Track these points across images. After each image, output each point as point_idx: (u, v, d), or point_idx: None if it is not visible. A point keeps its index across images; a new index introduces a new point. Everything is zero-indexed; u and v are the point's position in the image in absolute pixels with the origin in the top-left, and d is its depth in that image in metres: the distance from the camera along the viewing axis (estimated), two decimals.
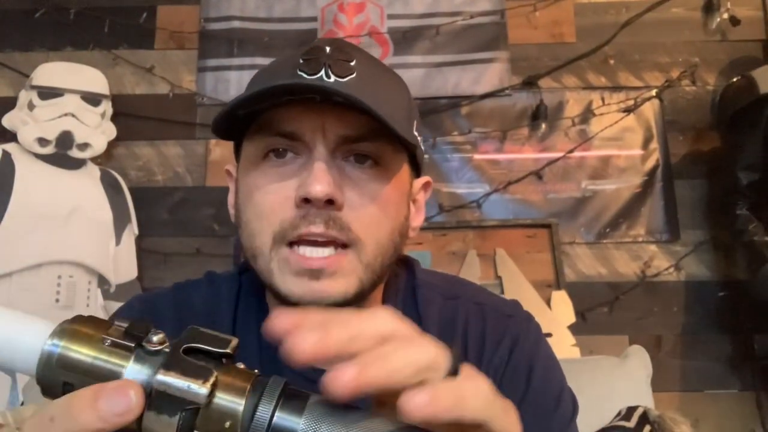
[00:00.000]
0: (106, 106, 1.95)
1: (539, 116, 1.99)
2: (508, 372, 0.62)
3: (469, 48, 2.06)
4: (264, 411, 0.28)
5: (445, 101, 2.03)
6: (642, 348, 1.29)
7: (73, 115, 1.87)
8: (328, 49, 0.56)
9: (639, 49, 2.06)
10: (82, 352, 0.29)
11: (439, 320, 0.65)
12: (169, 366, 0.28)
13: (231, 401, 0.28)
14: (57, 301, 1.75)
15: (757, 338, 1.78)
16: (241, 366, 0.30)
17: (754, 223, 1.74)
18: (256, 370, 0.30)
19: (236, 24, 2.09)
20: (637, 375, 1.22)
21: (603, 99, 2.02)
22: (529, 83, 2.02)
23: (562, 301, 1.81)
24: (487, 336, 0.63)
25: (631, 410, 1.12)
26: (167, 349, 0.29)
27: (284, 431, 0.28)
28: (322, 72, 0.54)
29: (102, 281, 1.81)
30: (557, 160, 1.98)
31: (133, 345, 0.29)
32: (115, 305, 1.79)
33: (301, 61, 0.55)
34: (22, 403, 1.23)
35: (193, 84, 2.05)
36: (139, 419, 0.27)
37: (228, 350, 0.29)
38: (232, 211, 0.63)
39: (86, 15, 2.06)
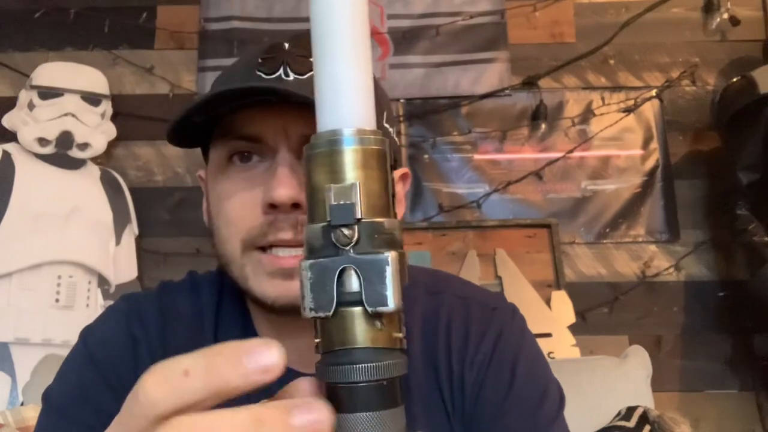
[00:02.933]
0: (106, 106, 1.95)
1: (539, 116, 1.99)
2: (493, 366, 0.61)
3: (469, 48, 2.06)
4: None
5: (445, 101, 2.03)
6: (642, 348, 1.29)
7: (73, 115, 1.87)
8: (287, 45, 0.55)
9: (639, 49, 2.06)
10: (316, 175, 0.28)
11: (422, 317, 0.64)
12: (314, 267, 0.27)
13: (329, 340, 0.27)
14: (57, 301, 1.75)
15: (757, 338, 1.78)
16: (379, 325, 0.28)
17: (754, 223, 1.74)
18: (397, 336, 0.28)
19: (236, 24, 2.09)
20: (637, 375, 1.22)
21: (603, 99, 2.02)
22: (529, 83, 2.02)
23: (562, 301, 1.81)
24: (471, 330, 0.63)
25: (631, 410, 1.12)
26: (341, 253, 0.27)
27: None
28: (281, 71, 0.53)
29: (102, 281, 1.81)
30: (557, 160, 1.98)
31: (328, 219, 0.27)
32: None
33: (260, 60, 0.54)
34: (22, 403, 1.23)
35: (193, 84, 2.05)
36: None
37: (371, 307, 0.27)
38: (205, 217, 0.63)
39: (86, 15, 2.06)
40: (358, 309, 0.26)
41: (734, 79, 1.87)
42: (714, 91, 2.01)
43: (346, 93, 0.28)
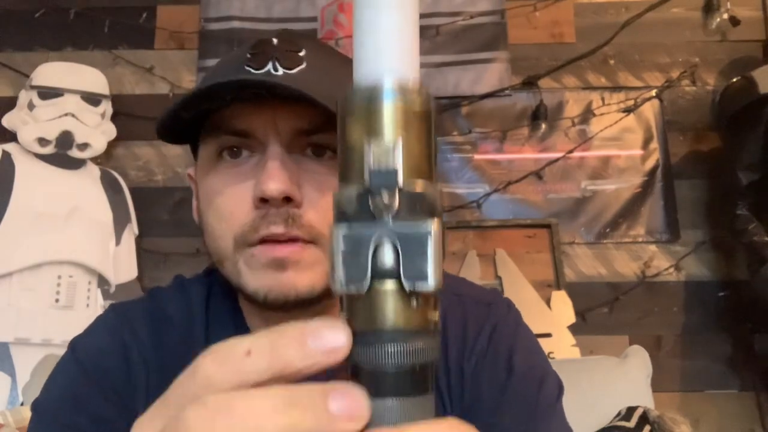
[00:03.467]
0: (106, 106, 1.95)
1: (539, 116, 1.99)
2: (489, 358, 0.62)
3: (469, 48, 2.06)
4: None
5: (445, 101, 2.03)
6: (642, 348, 1.29)
7: (73, 115, 1.87)
8: (275, 41, 0.55)
9: (639, 49, 2.06)
10: (353, 132, 0.25)
11: None
12: (349, 238, 0.24)
13: (357, 316, 0.25)
14: (57, 301, 1.75)
15: (757, 338, 1.78)
16: (416, 305, 0.25)
17: (754, 223, 1.74)
18: (433, 319, 0.26)
19: (236, 24, 2.09)
20: (637, 375, 1.22)
21: (603, 99, 2.02)
22: (529, 83, 2.02)
23: (562, 301, 1.81)
24: (468, 326, 0.63)
25: (631, 410, 1.12)
26: (379, 222, 0.24)
27: None
28: (270, 65, 0.52)
29: (102, 281, 1.81)
30: (557, 160, 1.98)
31: (367, 184, 0.24)
32: None
33: (248, 55, 0.54)
34: (22, 404, 1.23)
35: (193, 84, 2.05)
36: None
37: (409, 282, 0.24)
38: (195, 215, 0.62)
39: (86, 15, 2.06)
40: (393, 286, 0.24)
41: (734, 79, 1.87)
42: (714, 91, 2.01)
43: (391, 42, 0.25)
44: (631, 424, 1.09)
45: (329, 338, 0.23)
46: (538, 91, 2.02)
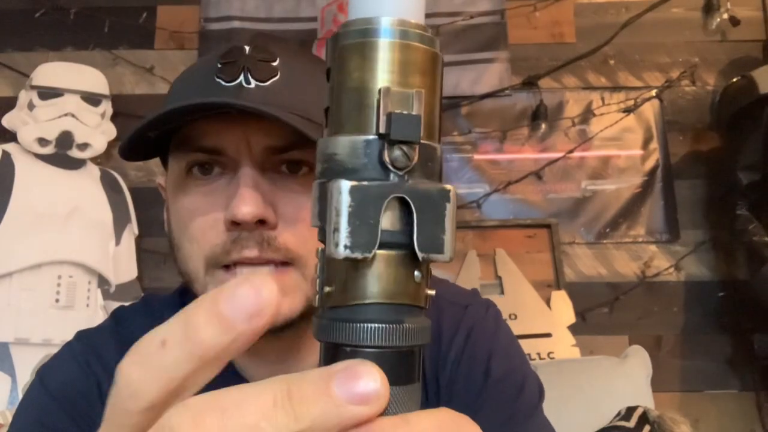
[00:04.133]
0: (106, 106, 1.95)
1: (539, 116, 1.99)
2: (465, 362, 0.59)
3: (469, 48, 2.06)
4: None
5: (444, 101, 2.03)
6: (642, 348, 1.29)
7: (73, 115, 1.87)
8: (247, 49, 0.52)
9: (639, 49, 2.06)
10: (357, 71, 0.21)
11: None
12: (356, 192, 0.20)
13: (350, 287, 0.21)
14: (57, 301, 1.75)
15: (757, 338, 1.78)
16: (418, 276, 0.23)
17: (754, 223, 1.74)
18: (429, 293, 0.24)
19: (236, 24, 2.09)
20: (637, 375, 1.22)
21: (603, 99, 2.02)
22: (529, 83, 2.02)
23: (562, 301, 1.81)
24: (443, 331, 0.61)
25: (630, 410, 1.12)
26: (390, 177, 0.21)
27: None
28: (241, 77, 0.50)
29: (102, 281, 1.81)
30: (557, 160, 1.98)
31: (381, 131, 0.20)
32: (115, 305, 1.78)
33: (219, 65, 0.51)
34: None
35: None
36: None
37: (422, 252, 0.22)
38: (166, 227, 0.60)
39: (86, 15, 2.06)
40: (401, 252, 0.21)
41: (734, 79, 1.87)
42: (714, 91, 2.01)
43: None
44: (631, 424, 1.09)
45: (246, 298, 0.19)
46: (538, 91, 2.02)
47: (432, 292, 0.23)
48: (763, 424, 1.78)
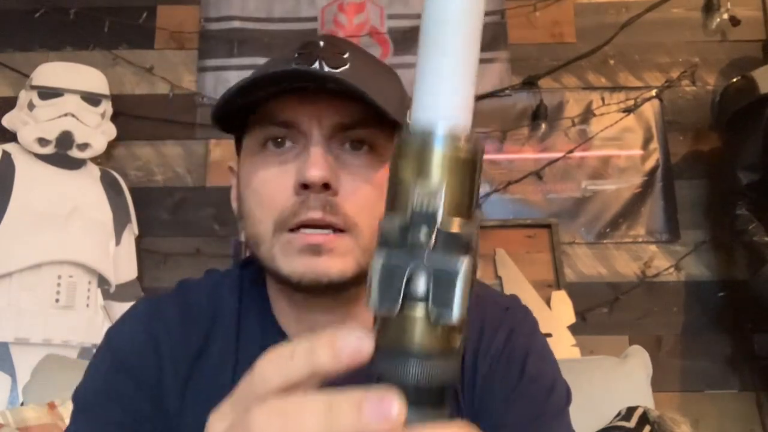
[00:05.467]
0: (106, 106, 1.95)
1: (539, 116, 1.99)
2: (503, 360, 0.63)
3: None
4: None
5: None
6: (642, 348, 1.29)
7: (73, 115, 1.87)
8: (321, 43, 0.58)
9: (639, 49, 2.06)
10: (404, 170, 0.27)
11: None
12: (386, 265, 0.27)
13: (386, 335, 0.27)
14: (57, 301, 1.75)
15: (757, 338, 1.78)
16: (441, 331, 0.28)
17: (754, 223, 1.74)
18: (455, 345, 0.29)
19: (236, 24, 2.10)
20: (637, 375, 1.22)
21: (603, 99, 2.02)
22: (529, 83, 2.02)
23: (562, 301, 1.81)
24: (485, 326, 0.65)
25: (631, 410, 1.12)
26: (414, 253, 0.27)
27: None
28: (317, 64, 0.56)
29: (102, 281, 1.81)
30: (557, 160, 1.98)
31: (408, 219, 0.27)
32: (115, 305, 1.79)
33: (296, 55, 0.57)
34: (22, 403, 1.23)
35: (193, 84, 2.05)
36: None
37: (433, 314, 0.27)
38: (234, 204, 0.65)
39: (86, 15, 2.06)
40: (421, 313, 0.26)
41: (734, 79, 1.87)
42: (714, 91, 2.01)
43: (449, 90, 0.27)
44: (631, 424, 1.09)
45: (354, 344, 0.26)
46: (538, 91, 2.02)
47: (459, 343, 0.28)
48: (763, 424, 1.78)
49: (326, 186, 0.54)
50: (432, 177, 0.26)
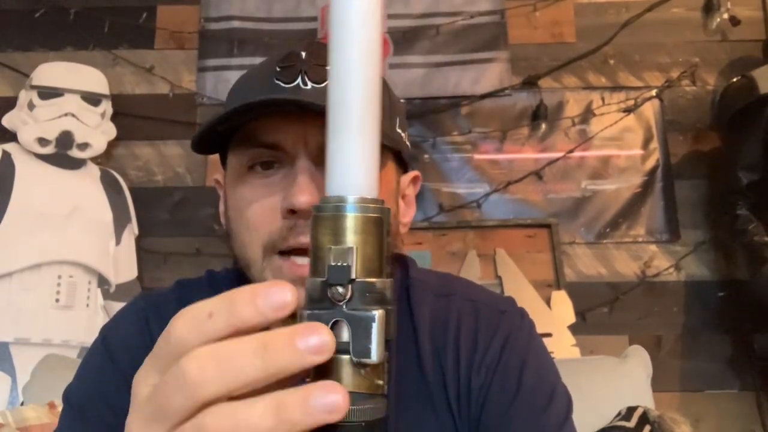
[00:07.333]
0: (106, 106, 1.95)
1: (539, 116, 1.99)
2: (500, 369, 0.62)
3: (469, 48, 2.06)
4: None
5: (445, 101, 2.03)
6: (642, 348, 1.29)
7: (73, 115, 1.87)
8: (303, 54, 0.57)
9: (639, 49, 2.06)
10: (321, 235, 0.30)
11: (431, 319, 0.65)
12: (312, 318, 0.29)
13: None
14: (57, 301, 1.75)
15: (757, 338, 1.78)
16: (364, 372, 0.31)
17: (754, 223, 1.74)
18: (378, 383, 0.31)
19: (236, 24, 2.09)
20: (637, 375, 1.22)
21: (603, 99, 2.02)
22: (529, 83, 2.02)
23: (562, 301, 1.81)
24: (480, 333, 0.63)
25: (631, 410, 1.12)
26: (335, 307, 0.30)
27: None
28: (299, 79, 0.55)
29: (102, 281, 1.81)
30: (557, 160, 1.98)
31: (325, 277, 0.30)
32: (115, 305, 1.79)
33: (278, 69, 0.56)
34: (22, 403, 1.23)
35: (193, 84, 2.05)
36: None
37: (356, 357, 0.30)
38: (222, 220, 0.64)
39: (86, 15, 2.06)
40: (346, 357, 0.29)
41: (734, 79, 1.87)
42: (714, 91, 2.01)
43: (354, 165, 0.31)
44: (631, 424, 1.08)
45: (276, 296, 0.27)
46: (538, 91, 2.02)
47: (383, 383, 0.30)
48: (763, 424, 1.78)
49: None
50: (345, 239, 0.30)
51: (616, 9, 2.08)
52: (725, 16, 2.03)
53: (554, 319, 1.77)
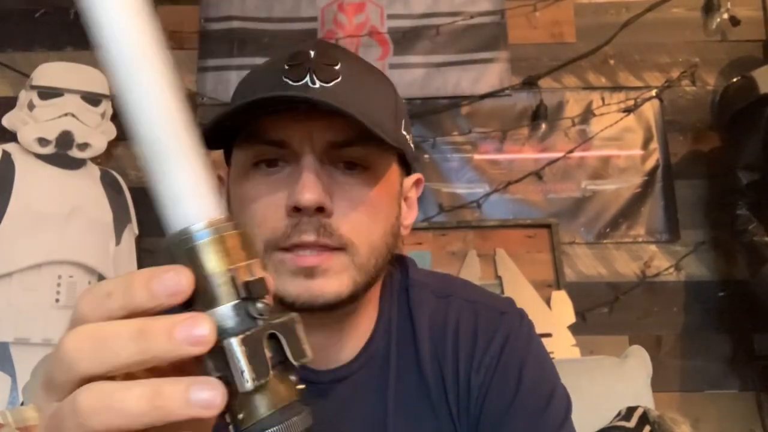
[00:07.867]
0: (106, 106, 1.95)
1: (539, 116, 1.99)
2: (499, 370, 0.62)
3: (469, 48, 2.06)
4: None
5: (445, 101, 2.03)
6: (642, 348, 1.29)
7: (73, 115, 1.87)
8: (312, 53, 0.56)
9: (639, 49, 2.06)
10: (209, 262, 0.29)
11: (431, 320, 0.65)
12: (246, 341, 0.28)
13: (258, 406, 0.28)
14: (57, 301, 1.75)
15: (757, 338, 1.78)
16: (294, 379, 0.30)
17: (754, 223, 1.74)
18: (300, 387, 0.31)
19: (236, 24, 2.09)
20: (637, 375, 1.22)
21: (603, 99, 2.02)
22: (529, 83, 2.02)
23: (562, 301, 1.81)
24: (479, 334, 0.64)
25: (631, 410, 1.12)
26: (259, 323, 0.29)
27: None
28: (307, 78, 0.54)
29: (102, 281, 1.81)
30: (557, 160, 1.98)
31: (243, 296, 0.29)
32: None
33: (286, 67, 0.56)
34: (22, 403, 1.23)
35: (193, 84, 2.05)
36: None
37: (297, 361, 0.30)
38: None
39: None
40: (281, 367, 0.29)
41: (734, 79, 1.87)
42: (714, 91, 2.01)
43: (187, 194, 0.30)
44: (631, 424, 1.08)
45: (170, 282, 0.27)
46: (538, 91, 2.02)
47: (302, 387, 0.30)
48: (763, 424, 1.78)
49: (320, 209, 0.53)
50: (232, 258, 0.29)
51: (616, 9, 2.08)
52: (725, 16, 2.02)
53: (554, 319, 1.77)
